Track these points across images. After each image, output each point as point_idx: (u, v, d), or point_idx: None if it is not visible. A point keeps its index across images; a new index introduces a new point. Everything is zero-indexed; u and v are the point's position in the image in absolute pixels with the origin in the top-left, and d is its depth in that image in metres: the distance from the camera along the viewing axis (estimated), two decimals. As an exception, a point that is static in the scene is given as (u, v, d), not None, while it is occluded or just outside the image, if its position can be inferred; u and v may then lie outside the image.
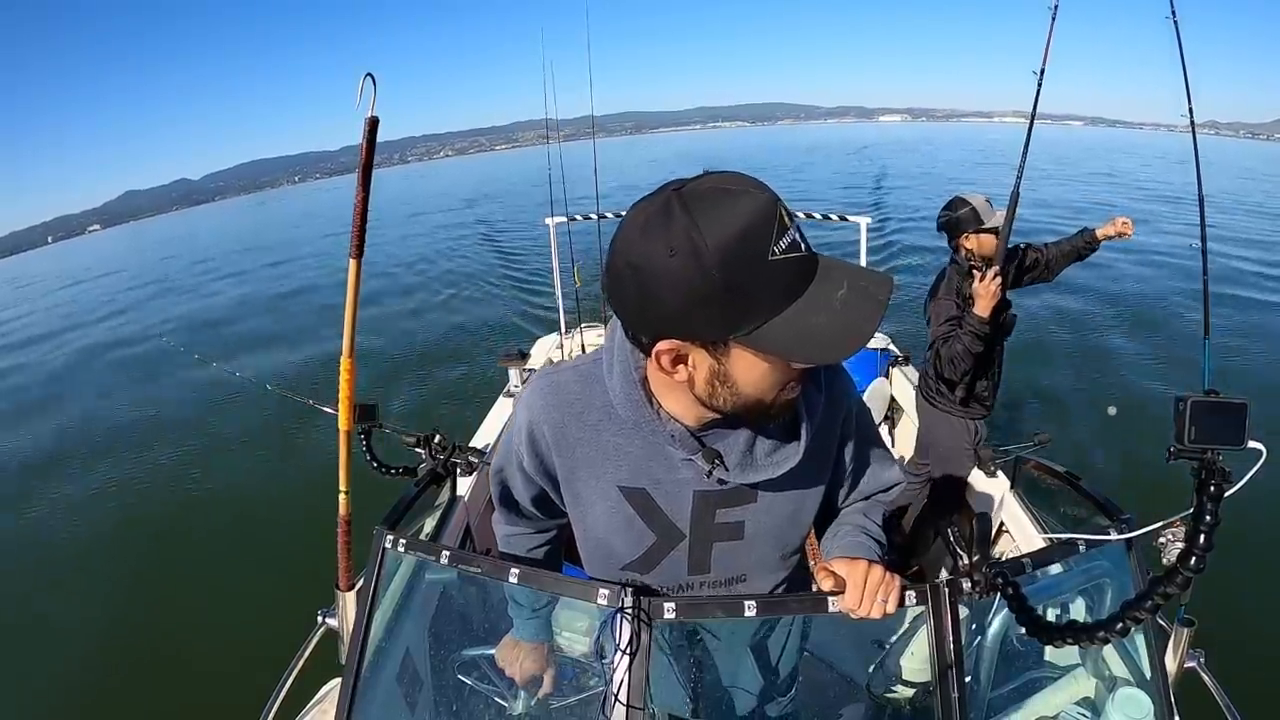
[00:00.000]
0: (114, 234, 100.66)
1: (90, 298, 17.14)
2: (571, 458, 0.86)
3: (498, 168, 64.50)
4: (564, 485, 0.90)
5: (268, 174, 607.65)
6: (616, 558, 0.93)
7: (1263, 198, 18.29)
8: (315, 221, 30.08)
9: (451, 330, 8.56)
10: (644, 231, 0.62)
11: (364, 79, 1.09)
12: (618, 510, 0.87)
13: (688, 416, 0.79)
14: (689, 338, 0.66)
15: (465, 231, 17.40)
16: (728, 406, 0.73)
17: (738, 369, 0.68)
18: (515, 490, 1.00)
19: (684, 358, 0.69)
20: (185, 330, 10.56)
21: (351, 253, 1.24)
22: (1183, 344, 6.55)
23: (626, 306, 0.67)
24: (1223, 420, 0.73)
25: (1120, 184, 20.84)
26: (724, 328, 0.64)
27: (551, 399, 0.85)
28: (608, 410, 0.83)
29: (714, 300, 0.61)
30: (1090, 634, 0.75)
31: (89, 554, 4.42)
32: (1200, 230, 2.07)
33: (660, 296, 0.62)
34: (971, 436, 2.45)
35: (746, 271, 0.60)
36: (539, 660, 1.10)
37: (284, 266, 16.01)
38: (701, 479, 0.83)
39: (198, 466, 5.49)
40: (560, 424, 0.85)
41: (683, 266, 0.60)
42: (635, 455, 0.83)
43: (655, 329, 0.66)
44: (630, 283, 0.64)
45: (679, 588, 0.94)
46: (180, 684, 3.06)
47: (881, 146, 42.25)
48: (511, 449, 0.94)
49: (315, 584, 1.60)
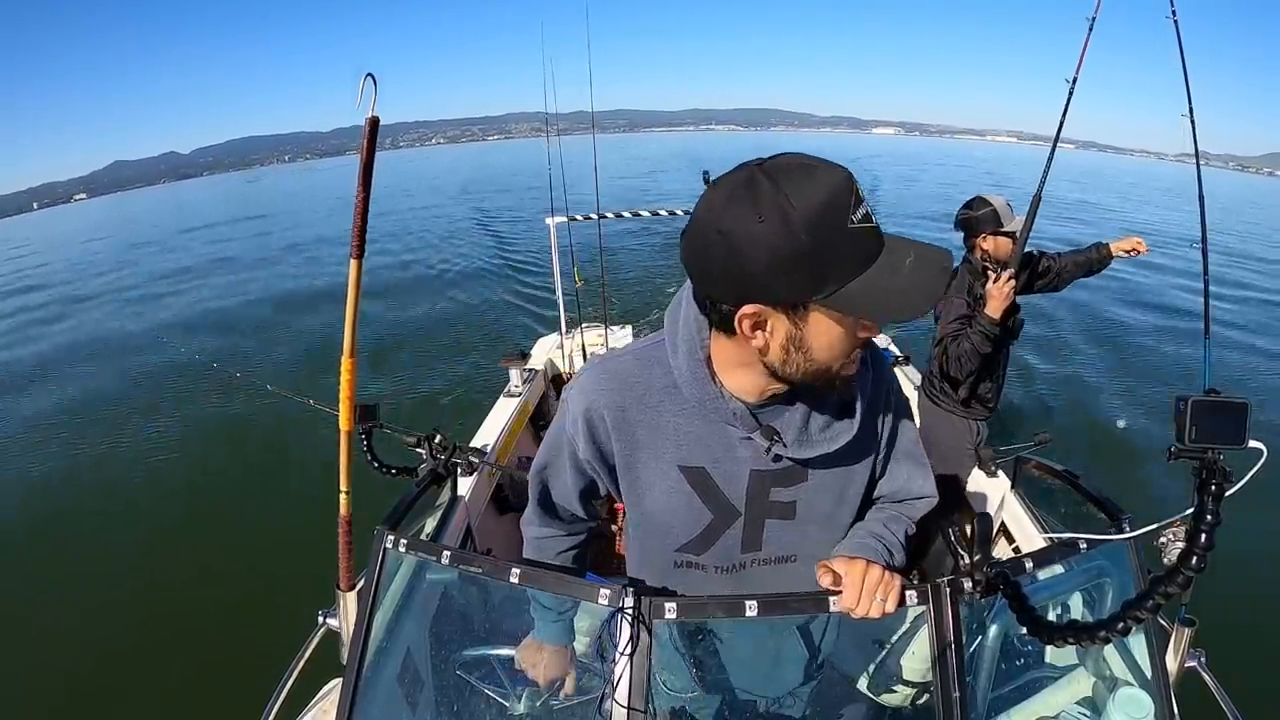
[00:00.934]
0: (101, 203, 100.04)
1: (88, 271, 17.16)
2: (632, 440, 0.88)
3: (491, 158, 64.36)
4: (622, 470, 0.91)
5: (258, 151, 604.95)
6: (673, 538, 0.93)
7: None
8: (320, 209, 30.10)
9: (452, 330, 8.56)
10: (730, 201, 0.66)
11: (364, 79, 1.09)
12: (677, 490, 0.88)
13: (749, 394, 0.82)
14: (773, 301, 0.70)
15: (462, 224, 17.41)
16: (798, 374, 0.76)
17: (814, 332, 0.72)
18: (561, 486, 0.99)
19: (763, 323, 0.72)
20: (184, 330, 10.56)
21: (352, 253, 1.24)
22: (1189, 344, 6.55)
23: (713, 273, 0.71)
24: (1223, 420, 0.73)
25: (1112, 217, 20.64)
26: (808, 289, 0.68)
27: (611, 383, 0.87)
28: (668, 391, 0.85)
29: (801, 263, 0.65)
30: (1091, 634, 0.75)
31: (88, 554, 4.42)
32: (1200, 230, 2.07)
33: (749, 260, 0.66)
34: (973, 436, 2.45)
35: (830, 237, 0.65)
36: (561, 663, 1.10)
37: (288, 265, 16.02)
38: (758, 458, 0.86)
39: (197, 466, 5.49)
40: (621, 407, 0.87)
41: (772, 231, 0.65)
42: (695, 435, 0.86)
43: (740, 293, 0.70)
44: (719, 248, 0.68)
45: (734, 566, 0.95)
46: (180, 684, 3.06)
47: (877, 159, 42.35)
48: (563, 441, 0.94)
49: (315, 584, 1.60)
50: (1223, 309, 8.40)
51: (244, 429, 6.02)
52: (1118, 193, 32.53)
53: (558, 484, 1.00)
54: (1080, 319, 7.81)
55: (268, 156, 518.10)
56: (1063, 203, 19.76)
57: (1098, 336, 7.29)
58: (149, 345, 9.34)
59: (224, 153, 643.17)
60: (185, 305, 12.20)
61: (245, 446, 5.71)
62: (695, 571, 0.96)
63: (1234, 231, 17.28)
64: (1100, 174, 44.62)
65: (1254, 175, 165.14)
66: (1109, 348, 6.95)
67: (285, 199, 37.38)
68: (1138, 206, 25.08)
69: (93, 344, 10.12)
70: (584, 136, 4.21)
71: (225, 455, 5.63)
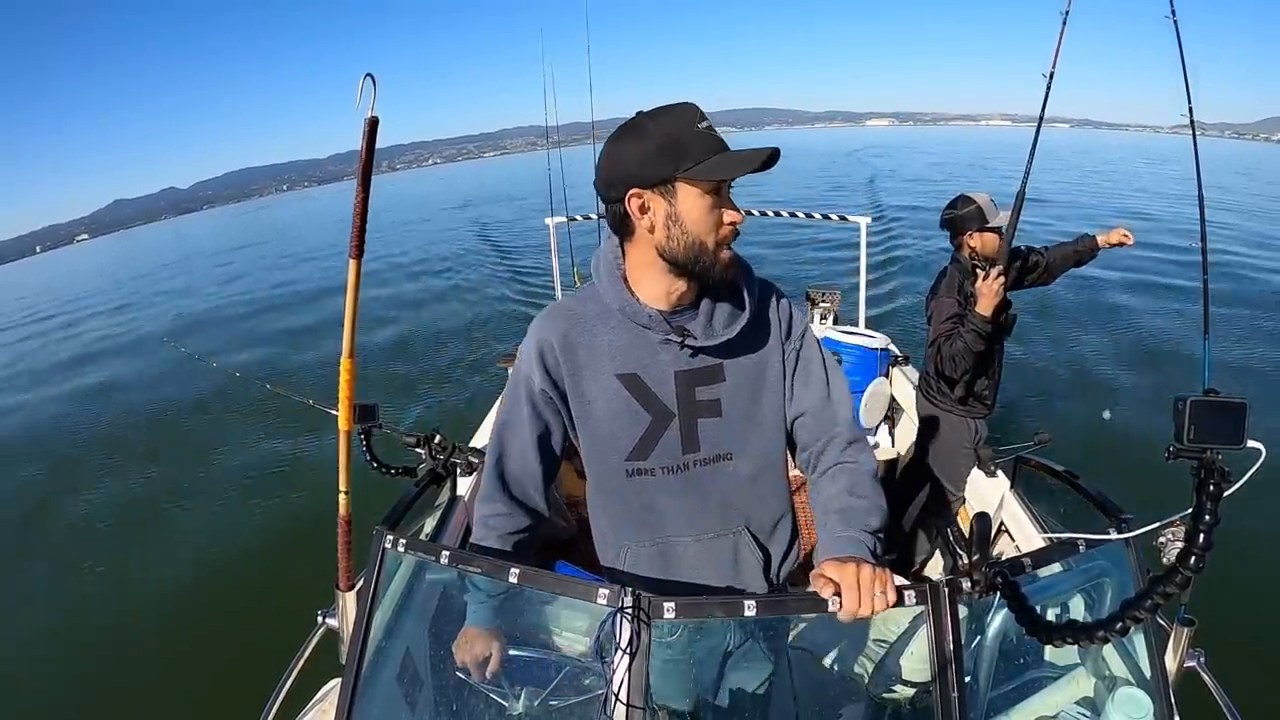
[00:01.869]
0: (103, 243, 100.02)
1: (93, 293, 17.17)
2: (575, 361, 1.04)
3: (490, 174, 64.31)
4: (571, 391, 1.05)
5: (256, 182, 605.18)
6: (621, 447, 1.05)
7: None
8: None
9: (452, 331, 8.57)
10: (620, 131, 0.95)
11: (364, 79, 1.10)
12: (617, 396, 1.03)
13: (660, 301, 1.01)
14: (647, 183, 0.93)
15: (470, 232, 17.42)
16: (681, 250, 0.95)
17: (684, 207, 0.93)
18: (519, 441, 1.09)
19: (646, 206, 0.94)
20: (183, 329, 10.56)
21: (351, 253, 1.24)
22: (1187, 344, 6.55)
23: (609, 179, 0.95)
24: (1222, 420, 0.73)
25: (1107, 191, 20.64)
26: (671, 167, 0.91)
27: (554, 317, 1.06)
28: (600, 316, 1.03)
29: (662, 152, 0.91)
30: (1090, 633, 0.75)
31: (88, 554, 4.42)
32: (1200, 229, 2.07)
33: (628, 159, 0.93)
34: (971, 435, 2.45)
35: (681, 133, 0.91)
36: (486, 643, 1.10)
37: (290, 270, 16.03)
38: (678, 359, 1.02)
39: (197, 467, 5.49)
40: (564, 333, 1.04)
41: (640, 137, 0.92)
42: (624, 345, 1.03)
43: (626, 184, 0.93)
44: (608, 160, 0.95)
45: (678, 467, 1.06)
46: (181, 684, 3.06)
47: (871, 149, 42.40)
48: (519, 383, 1.07)
49: (315, 584, 1.60)
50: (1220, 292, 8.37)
51: (244, 429, 6.02)
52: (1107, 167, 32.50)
53: (516, 439, 1.09)
54: (1079, 312, 7.81)
55: (266, 187, 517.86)
56: (1054, 188, 19.70)
57: (1097, 333, 7.30)
58: (149, 345, 9.34)
59: (222, 185, 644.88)
60: (184, 309, 12.20)
61: (245, 446, 5.71)
62: (647, 478, 1.06)
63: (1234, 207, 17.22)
64: (1091, 153, 44.41)
65: (1250, 142, 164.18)
66: (1108, 345, 6.95)
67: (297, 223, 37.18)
68: (1128, 179, 25.07)
69: (96, 346, 10.13)
70: (578, 145, 4.23)
71: (225, 455, 5.63)
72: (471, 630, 1.11)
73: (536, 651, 1.15)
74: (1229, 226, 12.78)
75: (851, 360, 3.14)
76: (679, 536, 1.09)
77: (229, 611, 3.52)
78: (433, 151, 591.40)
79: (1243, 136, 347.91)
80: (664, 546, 1.10)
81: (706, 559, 1.10)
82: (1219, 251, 9.71)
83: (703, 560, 1.10)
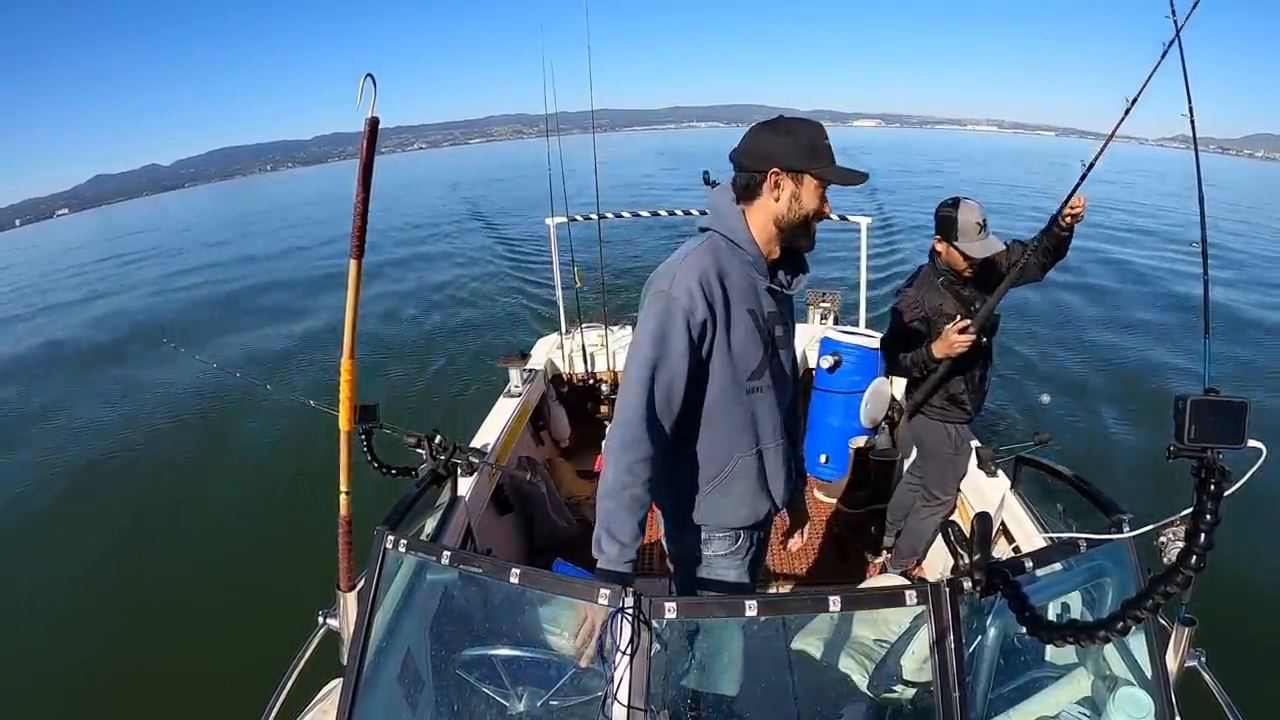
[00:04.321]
0: (85, 218, 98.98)
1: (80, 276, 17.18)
2: (724, 291, 1.24)
3: (475, 161, 64.06)
4: (721, 320, 1.23)
5: (239, 161, 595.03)
6: (747, 369, 1.29)
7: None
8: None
9: (451, 331, 8.57)
10: (768, 125, 1.26)
11: (364, 79, 1.10)
12: (750, 328, 1.28)
13: (766, 255, 1.29)
14: (787, 167, 1.21)
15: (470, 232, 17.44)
16: (793, 221, 1.25)
17: (805, 191, 1.23)
18: (671, 375, 1.20)
19: (779, 185, 1.23)
20: (182, 329, 10.56)
21: (352, 253, 1.24)
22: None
23: (759, 153, 1.23)
24: (1222, 419, 0.73)
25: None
26: (808, 162, 1.21)
27: (702, 257, 1.24)
28: (729, 261, 1.26)
29: (804, 149, 1.21)
30: (1091, 633, 0.75)
31: (88, 554, 4.42)
32: (1200, 229, 2.06)
33: (779, 146, 1.22)
34: (948, 439, 2.37)
35: (816, 140, 1.22)
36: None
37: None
38: (771, 302, 1.31)
39: (197, 467, 5.49)
40: (717, 268, 1.24)
41: (785, 132, 1.23)
42: (747, 286, 1.28)
43: (770, 163, 1.22)
44: (751, 141, 1.25)
45: (773, 382, 1.33)
46: (181, 684, 3.06)
47: (862, 148, 42.33)
48: (674, 319, 1.19)
49: (315, 584, 1.60)
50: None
51: (244, 429, 6.02)
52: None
53: (666, 373, 1.20)
54: (1079, 315, 7.81)
55: (249, 166, 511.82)
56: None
57: (1098, 331, 7.30)
58: (148, 346, 9.34)
59: (205, 164, 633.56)
60: (182, 307, 12.21)
61: (245, 446, 5.71)
62: (758, 393, 1.31)
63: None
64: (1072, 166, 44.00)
65: (1235, 157, 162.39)
66: (1110, 342, 6.96)
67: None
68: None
69: (97, 348, 10.13)
70: (571, 136, 4.22)
71: (225, 455, 5.63)
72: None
73: (536, 651, 1.15)
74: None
75: (852, 360, 3.14)
76: (768, 444, 1.35)
77: (229, 612, 3.52)
78: (418, 136, 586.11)
79: (1227, 152, 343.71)
80: (760, 452, 1.34)
81: (778, 464, 1.38)
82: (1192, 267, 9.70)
83: (777, 463, 1.38)
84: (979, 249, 2.13)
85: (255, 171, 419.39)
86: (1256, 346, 6.91)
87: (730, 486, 1.33)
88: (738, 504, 1.34)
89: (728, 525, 1.35)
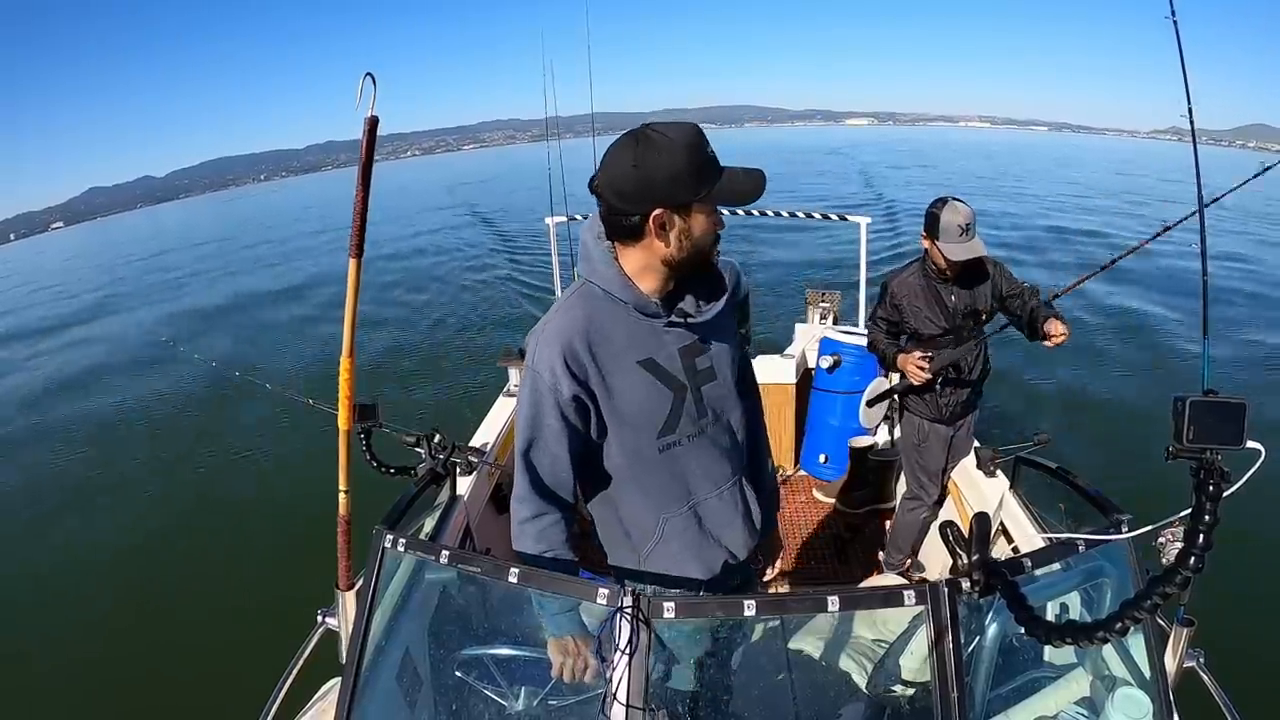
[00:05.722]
0: (79, 232, 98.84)
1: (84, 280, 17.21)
2: (599, 358, 1.09)
3: (472, 166, 63.83)
4: (600, 390, 1.09)
5: (233, 172, 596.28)
6: (651, 429, 1.13)
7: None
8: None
9: (451, 331, 8.56)
10: (636, 146, 0.99)
11: (364, 79, 1.10)
12: (643, 382, 1.11)
13: (659, 293, 1.11)
14: (672, 204, 1.00)
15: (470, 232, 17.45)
16: (684, 257, 1.06)
17: (695, 224, 1.04)
18: (550, 457, 1.10)
19: (665, 222, 1.02)
20: (182, 329, 10.55)
21: (351, 252, 1.24)
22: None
23: (629, 193, 1.00)
24: (1222, 420, 0.73)
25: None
26: (693, 192, 1.00)
27: (567, 324, 1.09)
28: (607, 313, 1.10)
29: (687, 177, 0.99)
30: (1089, 633, 0.75)
31: (88, 555, 4.42)
32: (1199, 230, 2.06)
33: (656, 180, 0.99)
34: (916, 433, 2.42)
35: (700, 158, 1.00)
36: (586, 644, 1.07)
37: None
38: (679, 338, 1.13)
39: (197, 466, 5.49)
40: (585, 335, 1.08)
41: (668, 159, 0.98)
42: (637, 335, 1.10)
43: (651, 203, 1.00)
44: (632, 178, 0.99)
45: (698, 432, 1.16)
46: (180, 684, 3.06)
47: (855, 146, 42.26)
48: (541, 402, 1.09)
49: (315, 584, 1.60)
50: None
51: (243, 428, 6.02)
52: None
53: (546, 456, 1.11)
54: (1079, 315, 7.81)
55: (243, 176, 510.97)
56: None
57: (1097, 330, 7.30)
58: (148, 346, 9.34)
59: (199, 174, 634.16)
60: (182, 308, 12.20)
61: (245, 446, 5.71)
62: (676, 449, 1.15)
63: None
64: (1070, 162, 43.35)
65: (1226, 149, 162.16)
66: (1109, 342, 6.96)
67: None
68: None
69: (99, 347, 10.12)
70: (566, 141, 4.26)
71: (224, 455, 5.63)
72: (579, 639, 1.06)
73: (537, 651, 1.15)
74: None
75: (851, 360, 3.14)
76: (705, 496, 1.19)
77: (228, 611, 3.52)
78: (411, 143, 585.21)
79: (1219, 143, 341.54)
80: (695, 507, 1.18)
81: (729, 508, 1.22)
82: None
83: (723, 511, 1.21)
84: (957, 251, 2.17)
85: (249, 181, 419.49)
86: (1257, 346, 6.91)
87: (666, 549, 1.18)
88: (682, 564, 1.19)
89: (682, 584, 1.20)
